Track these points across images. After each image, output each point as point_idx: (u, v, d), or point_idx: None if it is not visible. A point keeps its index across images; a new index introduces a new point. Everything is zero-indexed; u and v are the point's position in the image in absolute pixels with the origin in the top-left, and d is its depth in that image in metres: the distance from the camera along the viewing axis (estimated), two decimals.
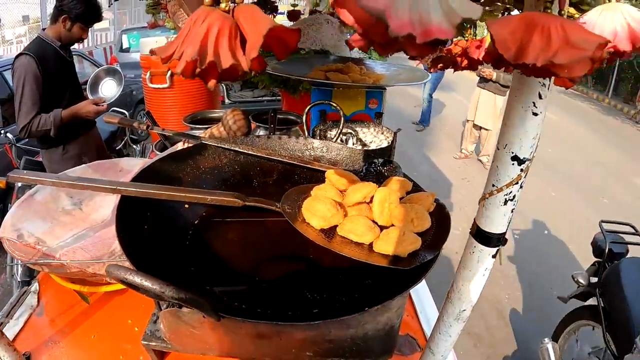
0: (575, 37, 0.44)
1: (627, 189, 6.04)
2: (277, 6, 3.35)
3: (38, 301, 1.29)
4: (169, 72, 2.53)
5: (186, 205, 1.00)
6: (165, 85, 2.63)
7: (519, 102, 0.64)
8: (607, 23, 0.61)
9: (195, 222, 1.01)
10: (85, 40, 2.89)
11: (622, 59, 0.63)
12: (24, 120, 2.33)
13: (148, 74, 2.63)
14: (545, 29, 0.44)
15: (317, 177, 1.16)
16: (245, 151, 1.15)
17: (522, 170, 0.67)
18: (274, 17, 3.38)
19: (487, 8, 0.89)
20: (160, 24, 3.24)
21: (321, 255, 0.97)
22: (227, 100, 4.28)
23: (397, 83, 1.95)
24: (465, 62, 1.27)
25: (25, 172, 1.03)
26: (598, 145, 7.90)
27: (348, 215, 0.92)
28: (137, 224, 0.85)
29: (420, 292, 1.36)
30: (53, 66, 2.45)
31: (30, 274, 2.84)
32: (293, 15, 3.50)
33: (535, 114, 0.63)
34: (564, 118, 9.28)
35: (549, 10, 0.53)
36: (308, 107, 1.45)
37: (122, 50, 9.33)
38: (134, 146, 3.97)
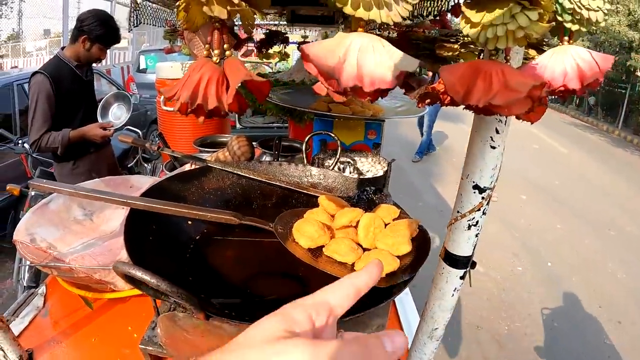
0: (513, 81, 0.53)
1: (635, 220, 6.05)
2: (288, 37, 3.50)
3: (44, 303, 1.38)
4: None
5: (189, 222, 1.09)
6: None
7: (478, 136, 0.73)
8: (558, 65, 0.65)
9: (197, 238, 1.10)
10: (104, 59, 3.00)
11: (576, 94, 0.68)
12: (34, 136, 2.46)
13: (162, 97, 2.76)
14: (488, 74, 0.54)
15: (313, 202, 1.22)
16: (247, 175, 1.25)
17: (483, 198, 0.76)
18: (285, 47, 3.53)
19: (462, 50, 0.99)
20: (176, 49, 3.38)
21: (309, 274, 1.05)
22: (238, 125, 4.42)
23: (395, 116, 2.05)
24: (448, 98, 1.36)
25: (45, 180, 1.14)
26: (607, 176, 7.95)
27: (335, 237, 1.01)
28: (143, 235, 0.94)
29: (408, 312, 1.44)
30: (68, 86, 2.55)
31: (36, 280, 2.94)
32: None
33: (493, 147, 0.73)
34: (573, 150, 9.36)
35: (494, 58, 0.60)
36: (308, 137, 1.55)
37: (139, 70, 9.60)
38: (145, 165, 4.09)
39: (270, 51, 3.39)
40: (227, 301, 0.96)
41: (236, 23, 3.37)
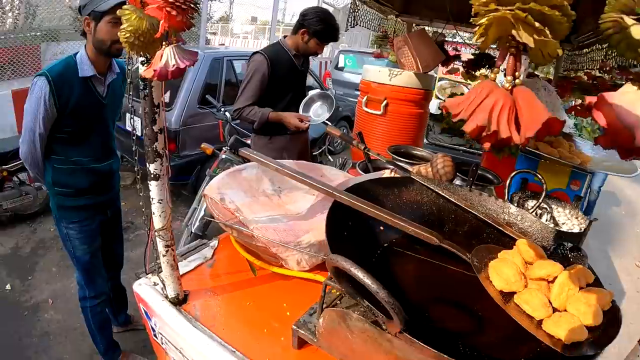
0: None
1: None
2: (494, 62, 3.36)
3: (212, 255, 1.47)
4: (385, 101, 2.73)
5: (382, 227, 1.12)
6: (378, 112, 2.80)
7: None
8: None
9: (384, 245, 1.13)
10: None
11: None
12: (239, 105, 2.65)
13: (365, 98, 2.85)
14: None
15: (504, 242, 1.18)
16: (447, 196, 1.24)
17: None
18: (492, 71, 3.39)
19: None
20: (384, 55, 3.52)
21: (486, 311, 0.98)
22: (425, 141, 4.38)
23: (605, 171, 1.85)
24: None
25: (255, 152, 1.23)
26: None
27: (528, 287, 0.95)
28: (340, 227, 0.95)
29: None
30: (283, 70, 2.70)
31: (203, 230, 3.23)
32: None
33: None
34: None
35: None
36: (514, 173, 1.47)
37: (337, 68, 10.11)
38: (329, 157, 4.30)
39: (477, 73, 3.32)
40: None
41: (447, 39, 3.32)
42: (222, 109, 3.92)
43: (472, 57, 3.07)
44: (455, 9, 2.65)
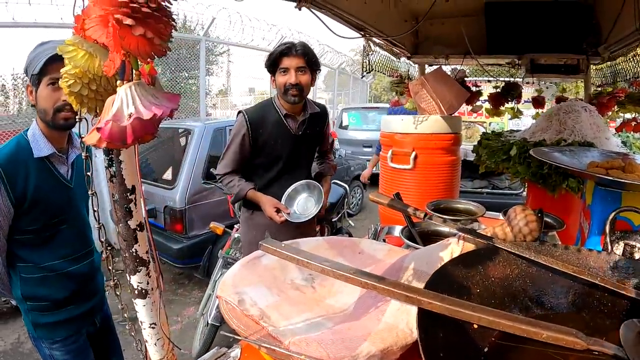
0: None
1: None
2: (521, 92, 3.13)
3: None
4: (414, 154, 2.40)
5: (475, 325, 0.77)
6: (407, 167, 2.46)
7: None
8: None
9: (485, 350, 0.77)
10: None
11: None
12: (219, 172, 2.33)
13: (390, 152, 2.51)
14: None
15: (621, 306, 0.90)
16: (547, 263, 0.89)
17: None
18: (518, 103, 3.15)
19: None
20: (402, 102, 3.28)
21: None
22: None
23: None
24: None
25: (279, 243, 0.94)
26: None
27: None
28: (433, 336, 0.67)
29: None
30: (268, 133, 2.29)
31: (221, 319, 2.80)
32: (537, 101, 3.23)
33: None
34: None
35: None
36: (614, 213, 1.13)
37: (341, 126, 10.06)
38: (350, 220, 4.00)
39: (502, 108, 3.07)
40: None
41: (467, 77, 3.09)
42: None
43: (495, 90, 2.81)
44: (471, 40, 2.43)
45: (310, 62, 2.25)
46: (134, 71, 0.50)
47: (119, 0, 0.44)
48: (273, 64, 2.25)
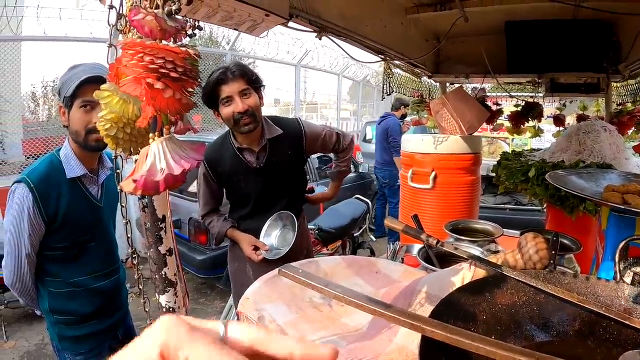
0: None
1: None
2: (542, 111, 3.12)
3: None
4: (433, 174, 2.43)
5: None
6: (427, 187, 2.48)
7: None
8: None
9: None
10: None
11: None
12: (199, 213, 2.33)
13: (410, 172, 2.54)
14: None
15: (627, 335, 0.90)
16: (554, 292, 0.92)
17: None
18: (540, 122, 3.14)
19: None
20: (423, 122, 3.31)
21: None
22: None
23: None
24: None
25: (297, 268, 0.97)
26: None
27: None
28: None
29: None
30: (227, 172, 2.18)
31: None
32: (559, 119, 3.22)
33: None
34: None
35: None
36: (624, 242, 1.14)
37: (365, 140, 10.04)
38: (372, 236, 4.02)
39: (522, 127, 3.07)
40: None
41: (487, 94, 3.10)
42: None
43: (515, 109, 2.82)
44: (492, 59, 2.44)
45: (252, 82, 2.04)
46: (167, 126, 0.56)
47: (151, 67, 0.51)
48: (211, 97, 2.02)
